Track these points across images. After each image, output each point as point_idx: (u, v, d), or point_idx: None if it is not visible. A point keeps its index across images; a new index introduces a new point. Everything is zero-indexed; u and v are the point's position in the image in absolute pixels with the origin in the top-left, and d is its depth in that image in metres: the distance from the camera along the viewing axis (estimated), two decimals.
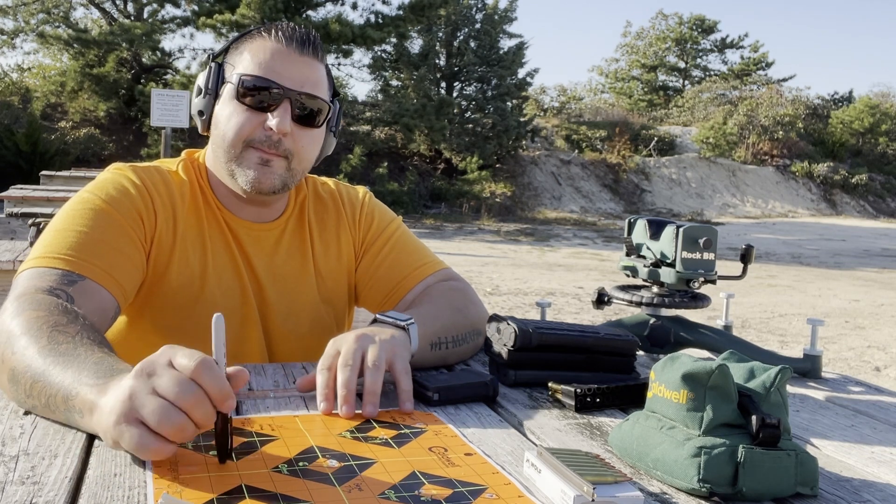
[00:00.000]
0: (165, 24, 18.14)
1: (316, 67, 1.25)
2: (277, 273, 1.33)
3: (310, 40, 1.24)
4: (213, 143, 1.28)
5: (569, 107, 30.15)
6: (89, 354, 0.87)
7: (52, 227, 1.17)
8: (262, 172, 1.22)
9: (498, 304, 7.07)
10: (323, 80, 1.26)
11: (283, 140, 1.21)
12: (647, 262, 1.33)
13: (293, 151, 1.23)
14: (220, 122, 1.24)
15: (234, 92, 1.22)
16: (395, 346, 1.02)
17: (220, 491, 0.71)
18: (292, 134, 1.22)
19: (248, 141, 1.21)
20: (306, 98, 1.22)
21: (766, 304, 8.05)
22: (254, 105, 1.21)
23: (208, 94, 1.25)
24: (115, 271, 1.14)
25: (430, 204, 18.66)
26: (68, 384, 0.83)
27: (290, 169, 1.25)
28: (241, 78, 1.21)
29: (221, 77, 1.26)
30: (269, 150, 1.21)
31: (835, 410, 1.12)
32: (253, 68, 1.21)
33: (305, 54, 1.23)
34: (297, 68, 1.22)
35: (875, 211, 25.00)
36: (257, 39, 1.24)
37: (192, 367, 0.74)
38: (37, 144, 15.91)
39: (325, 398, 0.95)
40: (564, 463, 0.73)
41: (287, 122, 1.20)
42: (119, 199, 1.20)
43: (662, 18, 36.86)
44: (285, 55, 1.22)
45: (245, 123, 1.21)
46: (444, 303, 1.29)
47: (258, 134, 1.21)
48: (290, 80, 1.21)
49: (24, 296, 1.02)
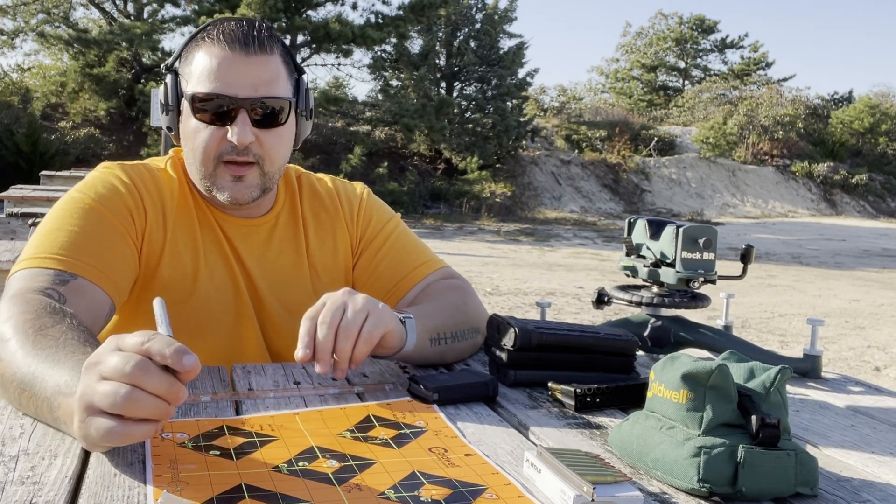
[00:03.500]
0: (165, 23, 18.12)
1: (267, 64, 1.19)
2: (269, 268, 1.33)
3: (254, 37, 1.18)
4: (187, 159, 1.26)
5: (569, 107, 30.14)
6: (69, 357, 0.86)
7: (43, 228, 1.16)
8: (237, 188, 1.21)
9: (498, 304, 7.07)
10: (278, 74, 1.21)
11: (250, 147, 1.19)
12: (647, 262, 1.33)
13: (262, 156, 1.21)
14: (188, 139, 1.22)
15: (191, 109, 1.20)
16: (373, 311, 1.03)
17: (220, 490, 0.71)
18: (257, 139, 1.20)
19: (218, 156, 1.20)
20: (263, 102, 1.19)
21: (766, 304, 8.05)
22: (212, 120, 1.19)
23: (170, 109, 1.23)
24: (108, 269, 1.14)
25: (430, 204, 18.66)
26: (50, 394, 0.82)
27: (265, 173, 1.23)
28: (193, 95, 1.18)
29: (178, 90, 1.23)
30: (239, 158, 1.19)
31: (835, 410, 1.12)
32: (202, 82, 1.17)
33: (252, 54, 1.18)
34: (247, 72, 1.17)
35: (875, 211, 24.99)
36: (203, 47, 1.20)
37: (133, 343, 0.74)
38: (37, 144, 15.90)
39: (305, 346, 0.98)
40: (564, 463, 0.73)
41: (247, 132, 1.17)
42: (109, 198, 1.20)
43: (662, 18, 36.86)
44: (232, 61, 1.17)
45: (209, 140, 1.19)
46: (444, 300, 1.29)
47: (224, 147, 1.19)
48: (243, 88, 1.17)
49: (16, 297, 1.02)
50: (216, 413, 0.93)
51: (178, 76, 1.23)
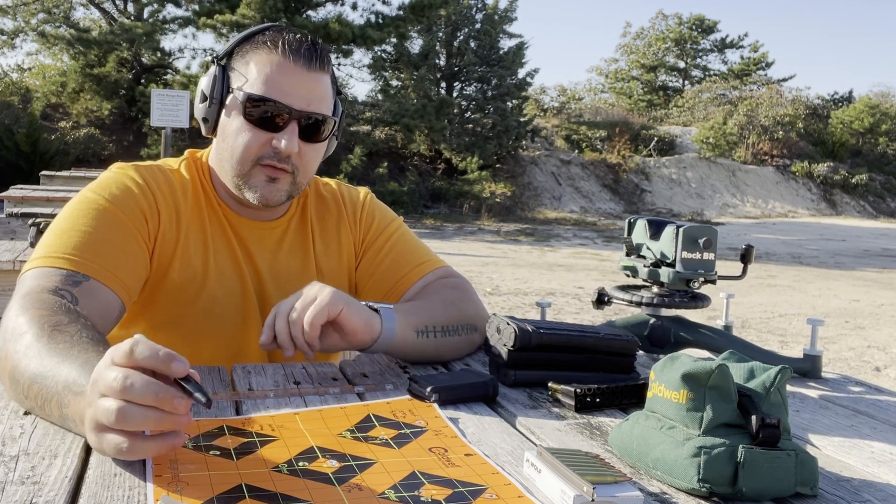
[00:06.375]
0: (166, 24, 18.13)
1: (322, 80, 1.24)
2: (279, 271, 1.34)
3: (317, 53, 1.23)
4: (220, 153, 1.28)
5: (569, 107, 30.16)
6: (80, 354, 0.87)
7: (55, 227, 1.16)
8: (269, 189, 1.24)
9: (498, 304, 7.07)
10: (328, 93, 1.26)
11: (291, 156, 1.22)
12: (647, 262, 1.33)
13: (299, 167, 1.25)
14: (228, 136, 1.24)
15: (240, 108, 1.21)
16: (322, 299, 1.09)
17: (220, 490, 0.71)
18: (299, 150, 1.23)
19: (257, 159, 1.22)
20: (313, 116, 1.23)
21: (766, 304, 8.05)
22: (261, 124, 1.21)
23: (213, 102, 1.25)
24: (120, 271, 1.15)
25: (430, 204, 18.66)
26: (61, 389, 0.82)
27: (295, 182, 1.26)
28: (249, 95, 1.20)
29: (226, 85, 1.24)
30: (279, 165, 1.22)
31: (835, 410, 1.12)
32: (260, 86, 1.20)
33: (313, 69, 1.22)
34: (305, 85, 1.21)
35: (875, 211, 24.99)
36: (263, 51, 1.22)
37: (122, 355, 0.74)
38: (37, 144, 15.91)
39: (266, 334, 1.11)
40: (564, 463, 0.73)
41: (295, 142, 1.21)
42: (122, 199, 1.21)
43: (662, 18, 36.87)
44: (292, 72, 1.20)
45: (253, 142, 1.22)
46: (437, 296, 1.31)
47: (266, 151, 1.22)
48: (298, 99, 1.20)
49: (30, 294, 1.02)
50: (216, 413, 0.93)
51: (227, 71, 1.25)
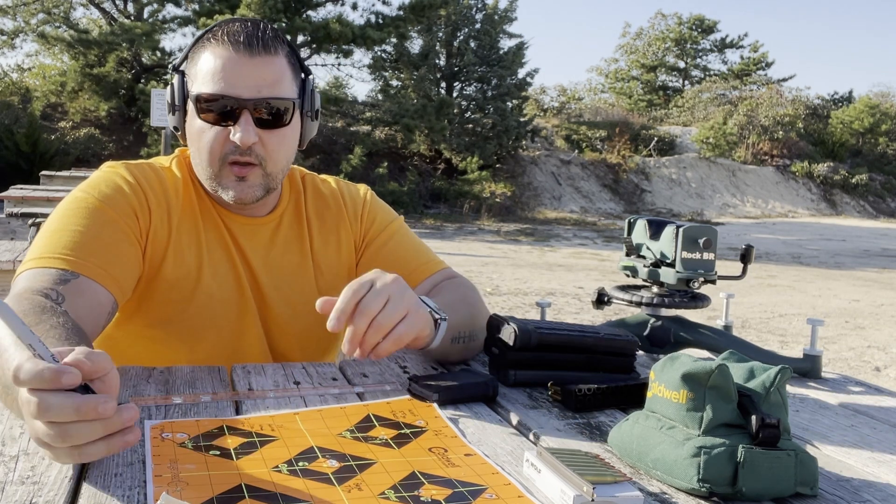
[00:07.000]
0: (166, 23, 18.13)
1: (271, 65, 1.20)
2: (274, 266, 1.34)
3: (258, 38, 1.19)
4: (193, 159, 1.27)
5: (569, 107, 30.16)
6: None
7: (47, 228, 1.17)
8: (241, 188, 1.23)
9: (498, 304, 7.07)
10: (282, 75, 1.21)
11: (253, 147, 1.20)
12: (647, 262, 1.33)
13: (265, 157, 1.22)
14: (194, 139, 1.24)
15: (196, 109, 1.21)
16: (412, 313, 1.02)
17: (220, 490, 0.71)
18: (261, 140, 1.20)
19: (223, 156, 1.21)
20: (266, 102, 1.20)
21: (766, 304, 8.05)
22: (216, 121, 1.20)
23: (177, 109, 1.25)
24: (112, 268, 1.15)
25: (430, 204, 18.66)
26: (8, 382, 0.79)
27: (267, 174, 1.24)
28: (198, 95, 1.19)
29: (185, 90, 1.24)
30: (242, 159, 1.20)
31: (835, 410, 1.12)
32: (206, 83, 1.19)
33: (256, 55, 1.18)
34: (251, 73, 1.18)
35: (875, 211, 24.99)
36: (208, 48, 1.21)
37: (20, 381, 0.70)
38: (37, 144, 15.90)
39: (338, 319, 0.96)
40: (564, 463, 0.73)
41: (250, 133, 1.18)
42: (113, 197, 1.21)
43: (662, 18, 36.87)
44: (236, 62, 1.18)
45: (213, 141, 1.20)
46: (463, 303, 1.28)
47: (228, 147, 1.20)
48: (246, 89, 1.18)
49: (13, 298, 1.02)
50: (216, 413, 0.93)
51: (185, 76, 1.25)
